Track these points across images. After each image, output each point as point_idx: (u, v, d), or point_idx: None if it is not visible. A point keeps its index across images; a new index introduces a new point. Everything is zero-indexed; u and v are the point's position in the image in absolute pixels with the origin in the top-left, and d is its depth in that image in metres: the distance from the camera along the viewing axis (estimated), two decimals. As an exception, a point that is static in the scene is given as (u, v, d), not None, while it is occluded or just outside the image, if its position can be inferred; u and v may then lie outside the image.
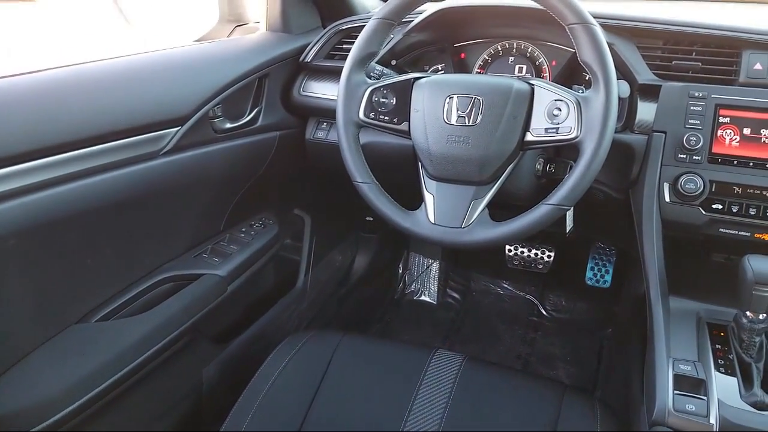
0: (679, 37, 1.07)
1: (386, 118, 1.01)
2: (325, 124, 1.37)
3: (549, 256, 1.86)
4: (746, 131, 0.95)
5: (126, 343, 1.00)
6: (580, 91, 0.91)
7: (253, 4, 1.50)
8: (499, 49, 1.28)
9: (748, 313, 0.85)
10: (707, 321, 0.96)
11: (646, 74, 1.05)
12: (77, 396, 0.92)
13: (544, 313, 1.94)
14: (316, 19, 1.43)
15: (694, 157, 0.97)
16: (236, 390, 1.00)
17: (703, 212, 0.96)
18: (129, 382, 1.02)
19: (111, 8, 1.54)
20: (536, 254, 1.87)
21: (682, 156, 0.97)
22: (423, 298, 2.05)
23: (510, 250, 1.90)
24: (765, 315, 0.84)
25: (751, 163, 0.94)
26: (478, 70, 1.30)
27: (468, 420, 0.93)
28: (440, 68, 1.32)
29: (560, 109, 0.90)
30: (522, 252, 1.89)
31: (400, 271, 2.10)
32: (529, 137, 0.93)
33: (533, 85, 0.93)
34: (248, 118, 1.24)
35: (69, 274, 0.96)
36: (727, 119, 0.96)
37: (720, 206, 0.95)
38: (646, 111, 1.04)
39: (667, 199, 0.98)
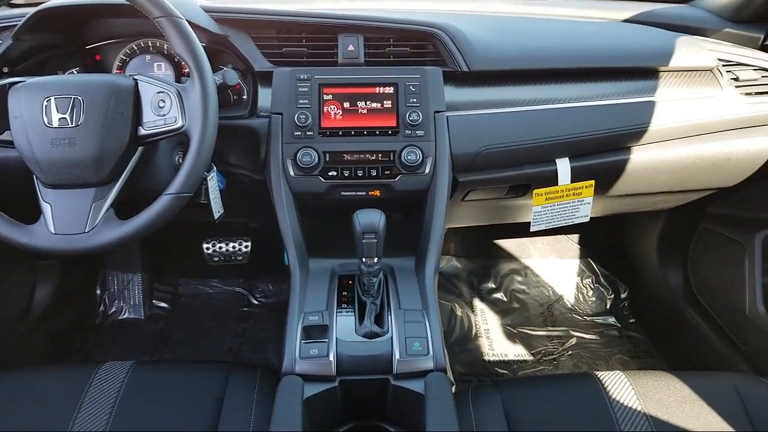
0: (290, 26, 1.18)
1: None
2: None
3: (246, 246, 1.90)
4: (346, 105, 1.10)
5: None
6: (185, 82, 0.94)
7: None
8: (135, 48, 1.24)
9: (364, 259, 0.98)
10: (340, 274, 1.09)
11: (262, 62, 1.14)
12: None
13: (254, 301, 2.00)
14: None
15: (308, 133, 1.08)
16: None
17: (323, 180, 1.09)
18: None
19: None
20: (234, 247, 1.90)
21: (297, 133, 1.08)
22: (127, 315, 1.93)
23: (207, 248, 1.89)
24: (377, 259, 0.98)
25: (353, 132, 1.09)
26: (117, 71, 1.25)
27: (135, 421, 0.92)
28: (75, 71, 1.24)
29: (164, 101, 0.92)
30: (220, 248, 1.90)
31: (98, 293, 1.95)
32: (141, 131, 0.93)
33: (137, 79, 0.94)
34: None
35: None
36: (330, 96, 1.10)
37: (335, 173, 1.08)
38: (265, 96, 1.13)
39: (292, 173, 1.08)
